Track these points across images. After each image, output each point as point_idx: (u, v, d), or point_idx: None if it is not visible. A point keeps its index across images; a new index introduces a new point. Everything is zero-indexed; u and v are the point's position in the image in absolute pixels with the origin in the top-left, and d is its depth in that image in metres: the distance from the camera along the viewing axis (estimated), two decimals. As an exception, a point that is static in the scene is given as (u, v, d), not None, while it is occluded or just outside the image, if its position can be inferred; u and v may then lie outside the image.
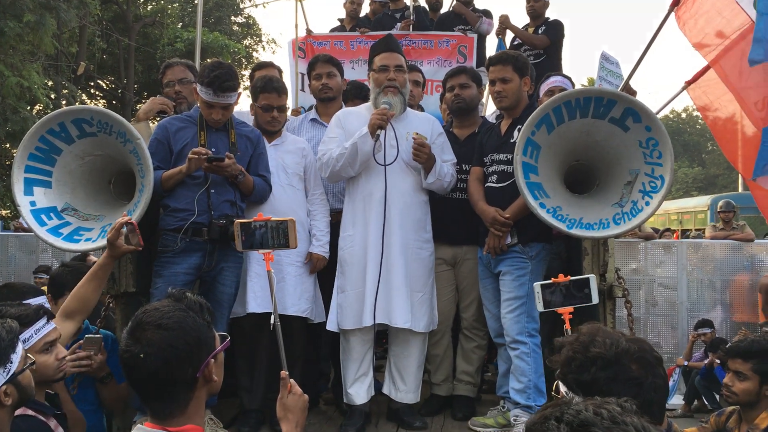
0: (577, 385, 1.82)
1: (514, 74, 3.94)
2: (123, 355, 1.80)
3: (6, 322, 2.19)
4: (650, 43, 4.55)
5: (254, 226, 2.71)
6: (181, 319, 1.79)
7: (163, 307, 1.82)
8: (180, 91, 4.34)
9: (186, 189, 3.65)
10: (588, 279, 2.85)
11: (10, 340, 2.14)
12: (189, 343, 1.77)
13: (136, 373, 1.77)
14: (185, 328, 1.78)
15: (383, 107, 3.86)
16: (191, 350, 1.78)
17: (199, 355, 1.80)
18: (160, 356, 1.74)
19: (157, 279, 3.65)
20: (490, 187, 3.99)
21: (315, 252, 4.02)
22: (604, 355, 1.81)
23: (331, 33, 7.72)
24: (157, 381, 1.75)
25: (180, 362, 1.75)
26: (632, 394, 1.73)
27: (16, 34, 14.39)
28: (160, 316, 1.79)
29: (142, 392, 1.80)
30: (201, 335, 1.81)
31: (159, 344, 1.74)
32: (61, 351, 2.63)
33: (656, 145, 3.42)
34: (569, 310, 2.82)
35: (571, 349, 1.88)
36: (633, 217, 3.45)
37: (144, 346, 1.75)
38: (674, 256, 8.42)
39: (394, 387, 4.01)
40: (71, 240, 3.56)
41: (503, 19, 7.00)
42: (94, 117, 3.55)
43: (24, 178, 3.58)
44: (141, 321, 1.80)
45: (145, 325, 1.78)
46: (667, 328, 8.42)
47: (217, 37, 21.85)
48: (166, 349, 1.74)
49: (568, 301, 2.85)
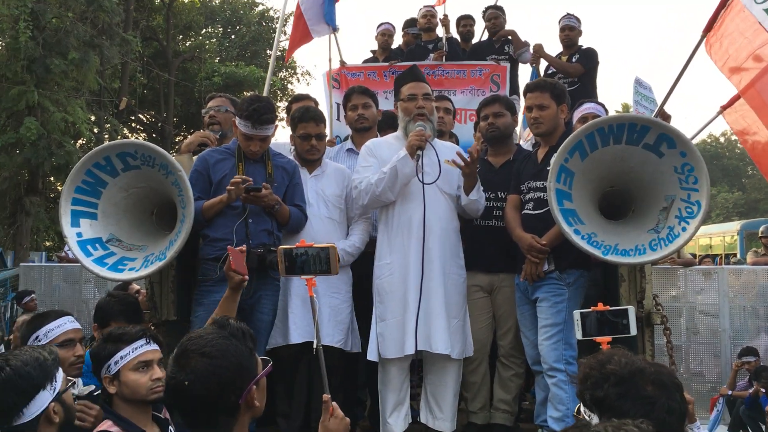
0: (592, 401, 1.83)
1: (552, 101, 3.97)
2: (169, 382, 1.85)
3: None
4: (684, 67, 4.56)
5: (296, 252, 2.78)
6: (224, 346, 1.84)
7: (207, 335, 1.87)
8: (214, 115, 4.62)
9: (225, 219, 3.74)
10: (627, 310, 2.84)
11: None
12: (231, 370, 1.82)
13: (181, 400, 1.82)
14: (228, 355, 1.83)
15: (420, 128, 3.92)
16: (234, 377, 1.82)
17: (242, 382, 1.84)
18: (203, 383, 1.78)
19: (197, 307, 3.73)
20: (526, 214, 4.00)
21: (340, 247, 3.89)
22: (618, 372, 1.82)
23: (364, 64, 7.84)
24: (201, 407, 1.80)
25: (223, 389, 1.80)
26: (643, 413, 1.73)
27: (61, 71, 14.93)
28: (204, 343, 1.84)
29: (186, 418, 1.85)
30: (243, 362, 1.86)
31: (203, 372, 1.79)
32: (156, 372, 2.63)
33: (692, 170, 3.41)
34: (607, 340, 2.81)
35: (588, 367, 1.89)
36: (670, 243, 3.43)
37: (188, 373, 1.80)
38: (715, 282, 8.23)
39: (431, 415, 4.00)
40: (116, 270, 3.65)
41: (537, 48, 7.04)
42: (138, 150, 3.67)
43: (71, 210, 3.69)
44: (186, 348, 1.85)
45: (190, 353, 1.83)
46: (709, 357, 8.21)
47: (253, 70, 22.34)
48: (209, 377, 1.79)
49: (607, 330, 2.84)
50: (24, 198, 15.89)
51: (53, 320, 2.98)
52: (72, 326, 3.01)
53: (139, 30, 21.11)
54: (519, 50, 7.29)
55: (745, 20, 4.45)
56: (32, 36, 14.35)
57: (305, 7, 7.40)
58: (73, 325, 3.02)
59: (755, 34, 4.35)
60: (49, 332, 2.94)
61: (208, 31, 27.48)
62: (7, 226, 16.21)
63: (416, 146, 3.84)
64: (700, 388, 7.91)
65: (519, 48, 7.29)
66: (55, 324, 2.97)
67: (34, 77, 14.87)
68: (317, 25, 7.42)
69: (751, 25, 4.39)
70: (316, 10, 7.33)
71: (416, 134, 3.88)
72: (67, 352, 2.93)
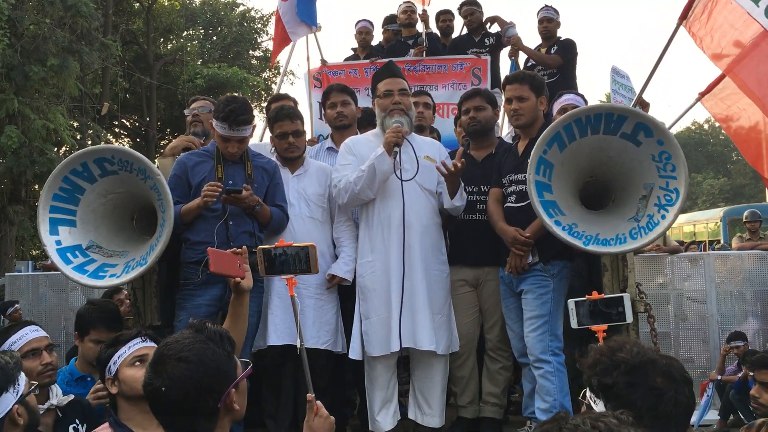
0: (599, 388, 1.82)
1: (531, 93, 3.97)
2: (146, 388, 1.84)
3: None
4: (661, 56, 4.58)
5: (276, 252, 2.77)
6: (201, 351, 1.83)
7: (183, 339, 1.86)
8: (198, 114, 4.78)
9: (205, 222, 3.72)
10: (622, 298, 2.86)
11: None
12: (209, 374, 1.80)
13: (159, 406, 1.81)
14: (205, 360, 1.81)
15: (396, 125, 3.91)
16: (211, 382, 1.81)
17: (220, 386, 1.83)
18: (181, 389, 1.77)
19: (180, 312, 3.71)
20: (509, 207, 4.00)
21: (339, 274, 4.01)
22: (629, 361, 1.81)
23: (345, 62, 7.82)
24: (179, 412, 1.79)
25: (200, 394, 1.78)
26: (650, 405, 1.73)
27: (40, 78, 14.77)
28: (180, 348, 1.82)
29: (165, 424, 1.84)
30: (221, 366, 1.84)
31: (179, 377, 1.78)
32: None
33: (669, 158, 3.42)
34: (603, 328, 2.82)
35: (598, 352, 1.89)
36: (650, 231, 3.44)
37: (165, 379, 1.79)
38: (702, 268, 8.26)
39: (419, 411, 4.01)
40: (96, 277, 3.63)
41: (515, 40, 7.04)
42: (115, 156, 3.65)
43: (49, 218, 3.67)
44: (162, 354, 1.84)
45: (166, 358, 1.82)
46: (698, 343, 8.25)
47: (236, 71, 22.24)
48: (186, 382, 1.77)
49: (601, 319, 2.85)
50: (7, 207, 15.73)
51: (15, 332, 2.96)
52: (35, 335, 2.99)
53: (119, 34, 20.94)
54: (504, 27, 7.25)
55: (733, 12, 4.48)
56: (10, 43, 14.18)
57: (283, 10, 7.37)
58: (36, 334, 3.00)
59: (745, 25, 4.37)
60: (12, 345, 2.92)
61: (189, 33, 27.29)
62: (-9, 235, 16.09)
63: (393, 143, 3.83)
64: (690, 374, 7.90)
65: (503, 26, 7.26)
66: (17, 336, 2.95)
67: (13, 85, 14.70)
68: (295, 27, 7.38)
69: (740, 16, 4.42)
70: (292, 13, 7.31)
71: (393, 131, 3.87)
72: (33, 362, 2.90)
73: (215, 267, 2.69)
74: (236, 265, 2.73)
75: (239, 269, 2.71)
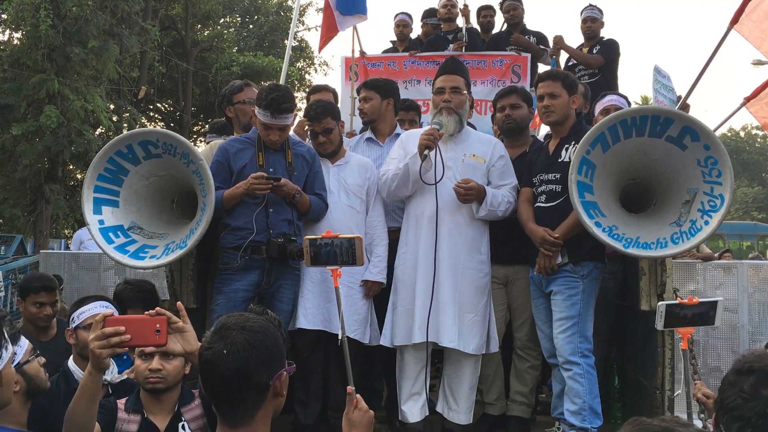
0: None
1: (563, 90, 3.94)
2: (204, 353, 1.82)
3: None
4: (710, 59, 4.51)
5: (322, 242, 2.76)
6: (264, 325, 1.85)
7: (247, 315, 1.89)
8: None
9: (245, 208, 3.76)
10: (716, 303, 2.87)
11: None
12: (269, 347, 1.82)
13: (216, 371, 1.78)
14: (268, 334, 1.83)
15: (433, 127, 3.91)
16: (271, 355, 1.82)
17: (276, 363, 1.84)
18: (242, 355, 1.77)
19: (217, 295, 3.76)
20: (539, 207, 3.98)
21: (371, 279, 4.05)
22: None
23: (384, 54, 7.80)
24: (235, 379, 1.78)
25: (259, 364, 1.79)
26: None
27: (81, 59, 14.98)
28: (245, 320, 1.85)
29: (215, 394, 1.83)
30: (279, 345, 1.87)
31: (243, 343, 1.78)
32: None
33: (715, 163, 3.37)
34: (690, 331, 2.85)
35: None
36: (692, 236, 3.40)
37: (228, 343, 1.78)
38: (734, 277, 8.11)
39: (447, 406, 4.02)
40: (137, 257, 3.68)
41: (557, 39, 6.97)
42: (160, 139, 3.69)
43: (93, 197, 3.72)
44: (225, 324, 1.84)
45: (231, 326, 1.83)
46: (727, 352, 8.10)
47: (271, 60, 22.33)
48: (249, 349, 1.78)
49: (690, 322, 2.85)
50: (44, 186, 15.99)
51: (86, 304, 3.09)
52: (100, 310, 3.04)
53: (158, 19, 21.13)
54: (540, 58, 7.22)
55: None
56: (52, 24, 14.41)
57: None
58: (102, 310, 3.04)
59: None
60: (80, 314, 3.05)
61: (227, 20, 27.46)
62: (27, 213, 16.35)
63: (423, 146, 3.81)
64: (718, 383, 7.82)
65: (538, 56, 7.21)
66: (87, 307, 3.06)
67: (54, 66, 14.95)
68: (343, 17, 7.35)
69: None
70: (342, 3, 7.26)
71: (426, 134, 3.85)
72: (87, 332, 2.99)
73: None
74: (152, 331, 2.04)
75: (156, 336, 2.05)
